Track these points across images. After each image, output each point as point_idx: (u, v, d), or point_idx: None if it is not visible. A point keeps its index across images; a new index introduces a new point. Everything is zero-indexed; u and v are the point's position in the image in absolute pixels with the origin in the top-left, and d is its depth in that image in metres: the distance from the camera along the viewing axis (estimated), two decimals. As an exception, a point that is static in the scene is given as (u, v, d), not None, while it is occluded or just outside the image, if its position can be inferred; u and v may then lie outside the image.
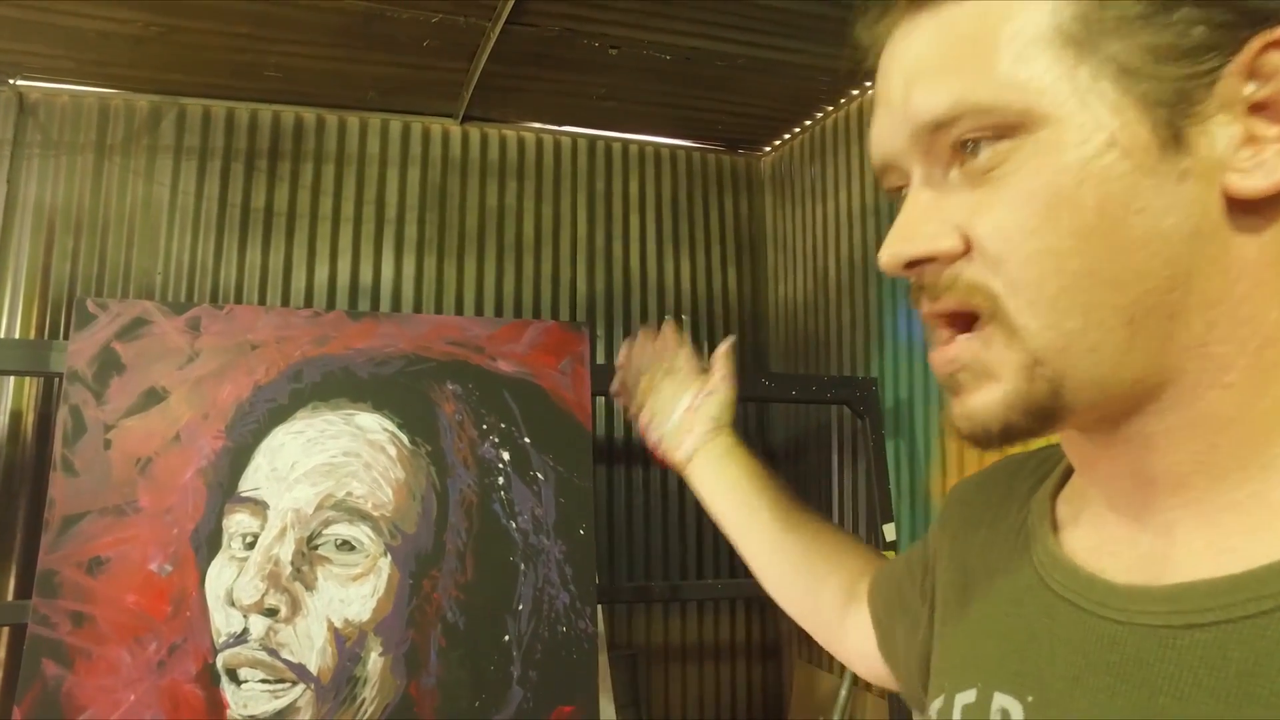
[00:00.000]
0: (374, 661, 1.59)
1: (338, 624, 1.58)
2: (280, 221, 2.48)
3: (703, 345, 0.99)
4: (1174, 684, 0.36)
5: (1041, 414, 0.39)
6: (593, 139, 2.80)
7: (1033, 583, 0.46)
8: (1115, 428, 0.40)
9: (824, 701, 2.51)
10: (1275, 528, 0.36)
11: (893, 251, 0.42)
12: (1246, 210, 0.36)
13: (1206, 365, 0.37)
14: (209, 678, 1.45)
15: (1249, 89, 0.36)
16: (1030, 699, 0.43)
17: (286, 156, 2.51)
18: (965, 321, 0.41)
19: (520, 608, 1.70)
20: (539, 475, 1.77)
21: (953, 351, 0.41)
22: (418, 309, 2.56)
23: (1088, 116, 0.37)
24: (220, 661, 1.46)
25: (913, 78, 0.41)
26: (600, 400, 2.61)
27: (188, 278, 2.37)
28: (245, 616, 1.52)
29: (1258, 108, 0.36)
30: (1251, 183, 0.36)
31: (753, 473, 0.84)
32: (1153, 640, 0.37)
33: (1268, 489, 0.37)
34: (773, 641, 2.81)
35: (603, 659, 1.88)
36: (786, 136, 2.84)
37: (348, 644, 1.58)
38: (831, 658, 2.63)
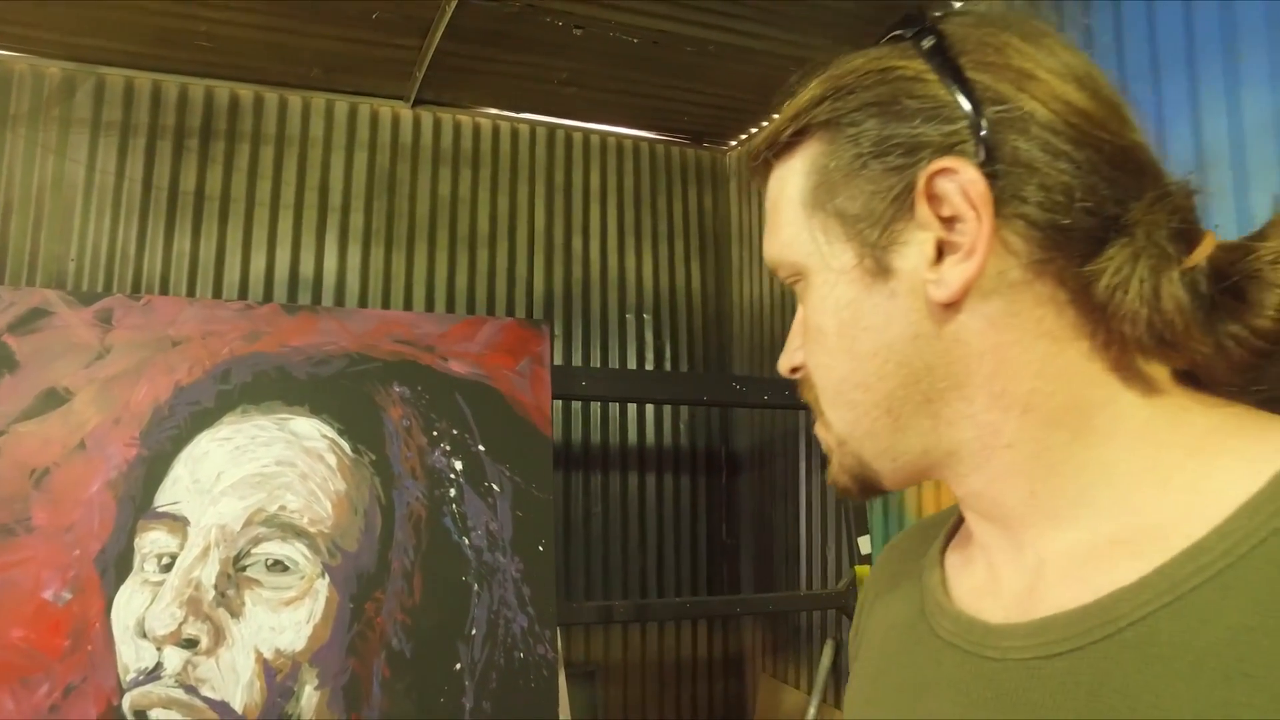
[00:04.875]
0: (309, 696, 1.43)
1: (267, 655, 1.42)
2: (213, 206, 2.28)
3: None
4: (1039, 711, 0.40)
5: (861, 479, 0.49)
6: (552, 127, 2.66)
7: (924, 633, 0.50)
8: (953, 484, 0.48)
9: (789, 716, 2.41)
10: (1114, 558, 0.41)
11: (780, 363, 0.53)
12: (961, 308, 0.43)
13: (982, 432, 0.45)
14: (113, 723, 1.27)
15: (935, 210, 0.43)
16: None
17: (220, 136, 2.32)
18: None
19: (473, 632, 1.56)
20: (494, 486, 1.63)
21: (817, 432, 0.52)
22: (363, 304, 2.39)
23: (822, 262, 0.47)
24: (128, 703, 1.28)
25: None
26: (558, 404, 2.47)
27: (105, 266, 2.16)
28: (159, 649, 1.35)
29: (949, 221, 0.43)
30: (940, 292, 0.43)
31: None
32: (1023, 673, 0.41)
33: (1098, 523, 0.42)
34: (736, 655, 2.71)
35: (560, 677, 1.76)
36: (754, 130, 2.74)
37: (279, 677, 1.42)
38: (796, 672, 2.55)
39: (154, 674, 1.34)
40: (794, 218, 0.48)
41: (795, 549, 2.52)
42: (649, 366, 2.65)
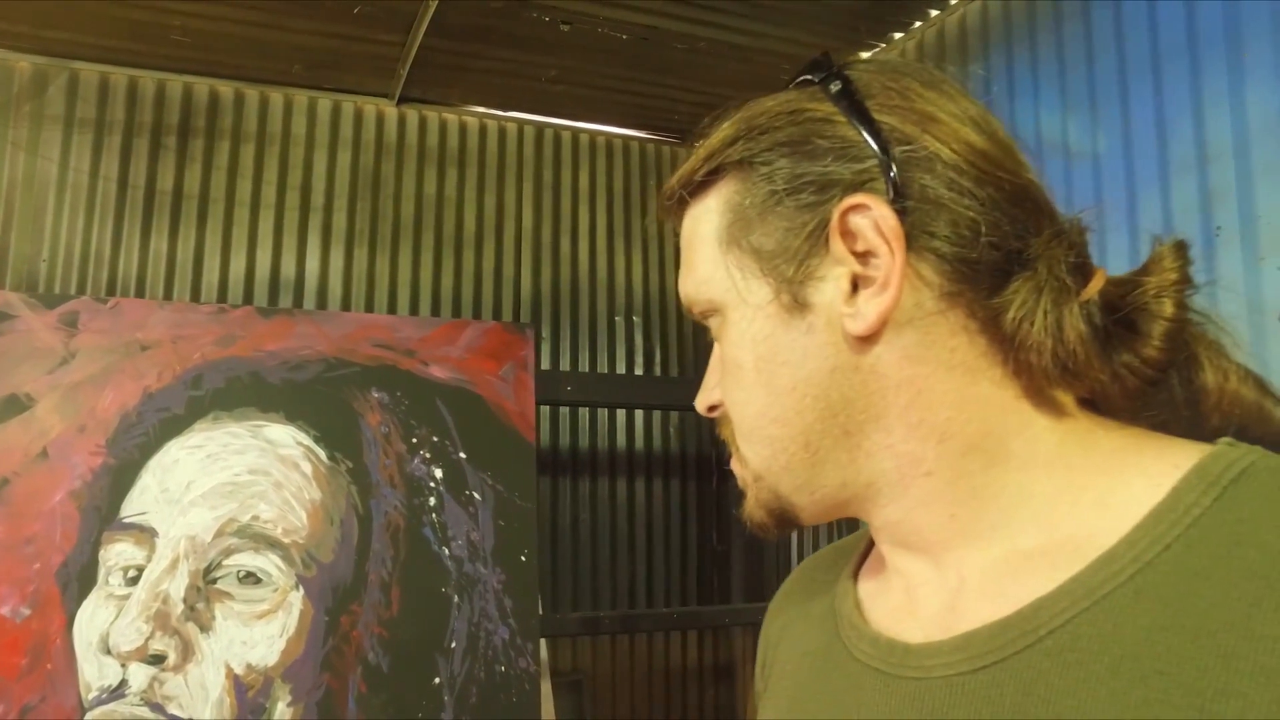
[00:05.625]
0: (281, 712, 1.39)
1: (238, 670, 1.37)
2: (191, 206, 2.23)
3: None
4: None
5: (777, 514, 0.50)
6: (540, 126, 2.61)
7: (840, 658, 0.50)
8: (869, 515, 0.49)
9: (781, 729, 2.37)
10: (1031, 570, 0.42)
11: (696, 402, 0.54)
12: (878, 340, 0.45)
13: (902, 462, 0.45)
14: (72, 745, 1.21)
15: (849, 245, 0.44)
16: None
17: (199, 134, 2.26)
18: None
19: (453, 645, 1.51)
20: (476, 495, 1.59)
21: (732, 467, 0.52)
22: (346, 306, 2.34)
23: (738, 298, 0.48)
24: (88, 723, 1.23)
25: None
26: (545, 410, 2.42)
27: (79, 267, 2.10)
28: (124, 666, 1.30)
29: (863, 256, 0.44)
30: (857, 325, 0.44)
31: None
32: (946, 690, 0.42)
33: (1016, 540, 0.43)
34: (726, 664, 2.66)
35: (546, 687, 1.71)
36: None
37: (250, 693, 1.37)
38: (788, 680, 2.50)
39: (118, 692, 1.28)
40: (709, 255, 0.49)
41: (786, 558, 2.47)
42: (639, 370, 2.60)
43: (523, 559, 1.61)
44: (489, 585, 1.58)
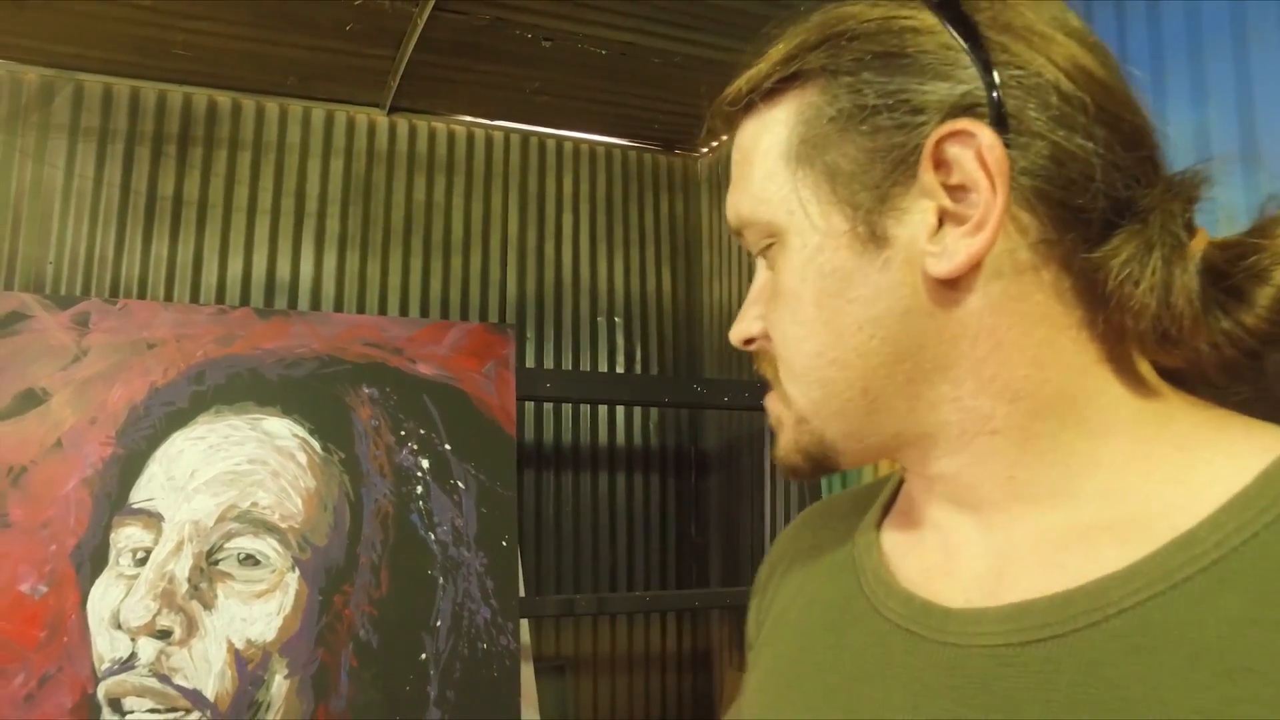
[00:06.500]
0: (279, 684, 1.49)
1: (239, 645, 1.48)
2: (190, 211, 2.33)
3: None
4: (1010, 702, 0.37)
5: (817, 458, 0.46)
6: (525, 134, 2.72)
7: (862, 612, 0.46)
8: (920, 465, 0.45)
9: (754, 711, 2.47)
10: (1095, 544, 0.39)
11: (735, 331, 0.49)
12: (961, 286, 0.40)
13: (967, 417, 0.42)
14: (87, 710, 1.32)
15: (941, 177, 0.40)
16: None
17: (198, 142, 2.36)
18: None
19: (438, 624, 1.62)
20: (460, 484, 1.69)
21: (768, 405, 0.49)
22: (338, 307, 2.44)
23: (805, 223, 0.43)
24: (102, 691, 1.34)
25: (730, 186, 0.48)
26: (530, 406, 2.53)
27: (84, 269, 2.20)
28: (133, 640, 1.40)
29: (956, 190, 0.40)
30: (941, 266, 0.40)
31: None
32: (992, 661, 0.39)
33: (1078, 510, 0.40)
34: (704, 650, 2.77)
35: (528, 671, 1.81)
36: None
37: (250, 666, 1.48)
38: (762, 665, 2.60)
39: (128, 664, 1.39)
40: (772, 171, 0.44)
41: (760, 546, 2.59)
42: (620, 369, 2.71)
43: (504, 544, 1.71)
44: (472, 568, 1.68)
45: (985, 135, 0.38)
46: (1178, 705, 0.33)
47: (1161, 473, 0.39)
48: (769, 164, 0.44)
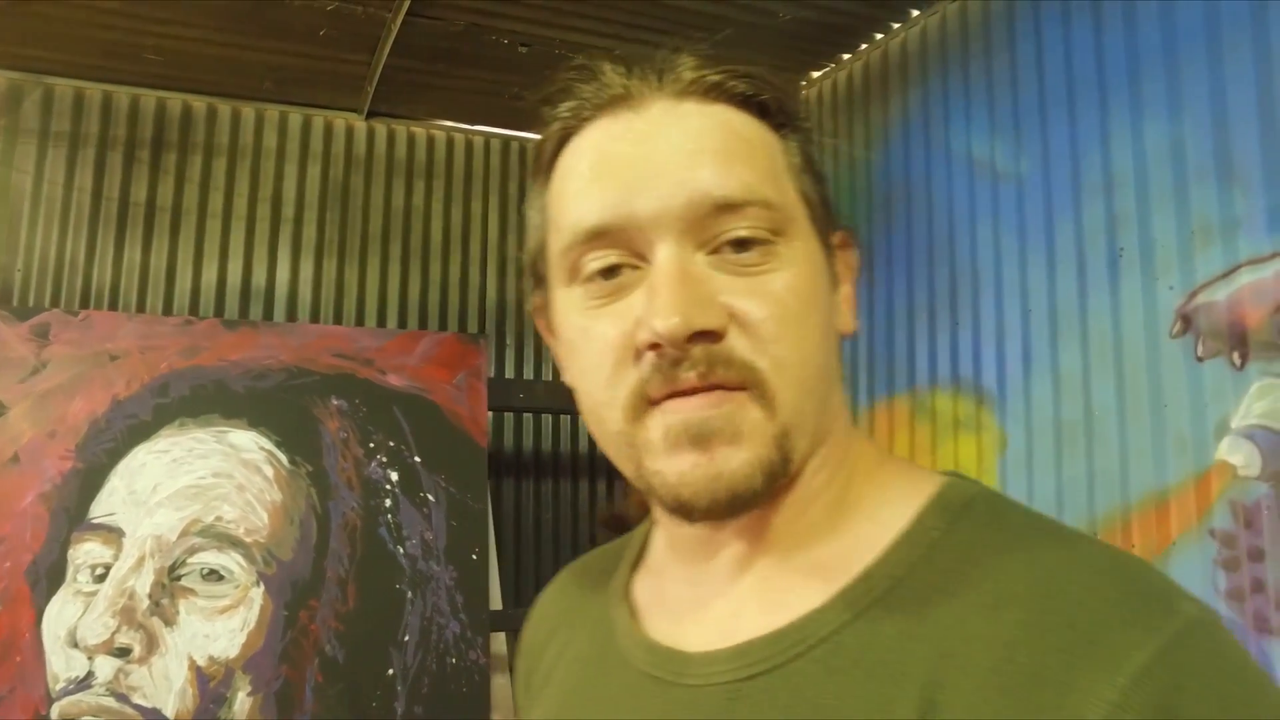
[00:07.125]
0: (241, 702, 1.47)
1: (201, 662, 1.45)
2: (164, 218, 2.30)
3: None
4: None
5: (774, 480, 0.43)
6: (506, 139, 2.69)
7: (615, 665, 0.50)
8: (784, 490, 0.47)
9: None
10: (807, 584, 0.44)
11: (687, 317, 0.41)
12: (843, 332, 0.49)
13: (838, 424, 0.48)
14: (39, 731, 1.30)
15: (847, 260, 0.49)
16: None
17: (172, 147, 2.33)
18: (711, 388, 0.43)
19: (406, 639, 1.60)
20: (429, 496, 1.67)
21: (727, 413, 0.42)
22: (315, 316, 2.41)
23: (808, 228, 0.46)
24: (56, 712, 1.31)
25: (696, 154, 0.44)
26: (508, 416, 2.51)
27: (53, 277, 2.17)
28: (90, 658, 1.38)
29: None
30: (848, 321, 0.49)
31: None
32: (723, 696, 0.43)
33: (810, 551, 0.46)
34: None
35: (504, 682, 1.79)
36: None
37: (212, 684, 1.45)
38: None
39: (84, 683, 1.36)
40: (778, 173, 0.45)
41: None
42: (601, 375, 2.68)
43: (474, 557, 1.69)
44: (441, 582, 1.66)
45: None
46: (859, 711, 0.40)
47: (861, 513, 0.46)
48: (787, 168, 0.46)
